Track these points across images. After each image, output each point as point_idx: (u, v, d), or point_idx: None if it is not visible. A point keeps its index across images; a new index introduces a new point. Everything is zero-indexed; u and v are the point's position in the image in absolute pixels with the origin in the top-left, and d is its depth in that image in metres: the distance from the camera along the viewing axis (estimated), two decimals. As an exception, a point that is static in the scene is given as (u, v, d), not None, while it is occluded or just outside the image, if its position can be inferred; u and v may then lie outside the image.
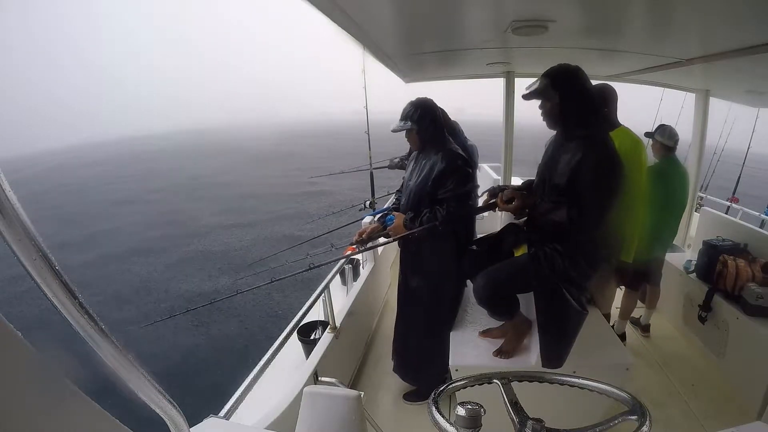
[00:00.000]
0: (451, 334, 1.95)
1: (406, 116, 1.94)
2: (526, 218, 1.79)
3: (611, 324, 2.28)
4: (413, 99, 1.97)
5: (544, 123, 1.60)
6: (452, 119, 2.63)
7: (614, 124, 2.14)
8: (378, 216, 2.36)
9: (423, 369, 2.16)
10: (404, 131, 1.97)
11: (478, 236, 2.11)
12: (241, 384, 1.43)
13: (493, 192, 1.82)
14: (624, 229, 2.10)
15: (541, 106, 1.58)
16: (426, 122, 1.92)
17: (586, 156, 1.45)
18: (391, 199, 2.86)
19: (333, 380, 1.41)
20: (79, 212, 15.96)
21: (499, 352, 1.75)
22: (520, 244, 1.77)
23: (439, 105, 2.01)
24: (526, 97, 1.58)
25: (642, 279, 2.56)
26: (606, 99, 2.12)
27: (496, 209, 1.80)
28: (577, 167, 1.46)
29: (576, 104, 1.50)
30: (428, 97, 2.00)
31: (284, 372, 1.86)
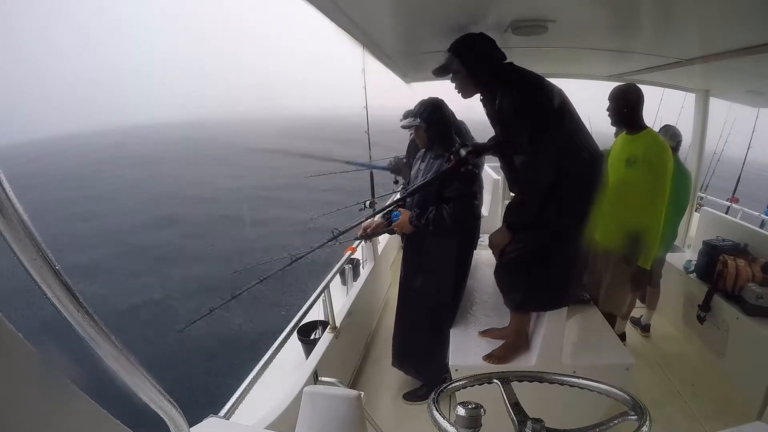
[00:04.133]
0: (451, 333, 1.95)
1: (415, 114, 1.97)
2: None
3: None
4: (424, 98, 1.99)
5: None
6: (459, 119, 2.64)
7: (641, 125, 2.05)
8: (383, 212, 2.36)
9: (423, 364, 2.17)
10: (413, 128, 2.01)
11: (481, 236, 2.12)
12: (241, 384, 1.43)
13: (457, 151, 1.81)
14: (644, 235, 2.05)
15: (453, 80, 1.63)
16: (434, 121, 1.95)
17: (505, 96, 1.49)
18: (395, 195, 2.86)
19: (333, 380, 1.41)
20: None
21: (490, 357, 1.74)
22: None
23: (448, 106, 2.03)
24: (435, 72, 1.64)
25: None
26: (631, 100, 2.03)
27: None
28: (501, 107, 1.50)
29: (480, 67, 1.54)
30: (438, 97, 2.02)
31: (284, 372, 1.86)
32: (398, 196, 2.38)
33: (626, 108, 2.03)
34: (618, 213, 2.08)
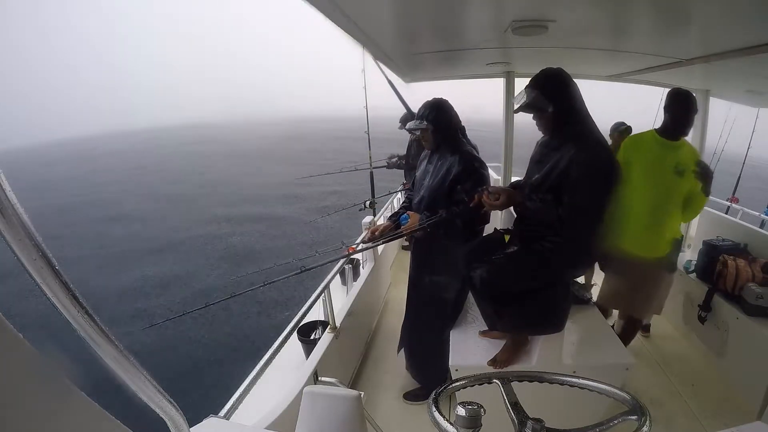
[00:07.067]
0: (451, 333, 1.95)
1: (421, 116, 1.96)
2: (516, 218, 1.78)
3: (611, 324, 2.28)
4: (429, 100, 1.99)
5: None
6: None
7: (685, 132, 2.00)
8: (391, 215, 2.34)
9: (431, 367, 2.16)
10: (419, 130, 1.99)
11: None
12: (241, 384, 1.43)
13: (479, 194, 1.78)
14: (660, 225, 2.05)
15: (535, 118, 1.56)
16: (441, 123, 1.95)
17: (579, 154, 1.44)
18: (400, 197, 2.85)
19: (333, 380, 1.41)
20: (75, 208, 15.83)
21: (494, 362, 1.74)
22: (506, 248, 1.74)
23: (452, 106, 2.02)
24: (517, 111, 1.58)
25: None
26: (688, 108, 1.96)
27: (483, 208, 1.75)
28: (570, 165, 1.45)
29: (568, 109, 1.49)
30: (443, 98, 2.01)
31: (284, 372, 1.86)
32: (400, 196, 2.38)
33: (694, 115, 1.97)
34: (664, 222, 2.04)
